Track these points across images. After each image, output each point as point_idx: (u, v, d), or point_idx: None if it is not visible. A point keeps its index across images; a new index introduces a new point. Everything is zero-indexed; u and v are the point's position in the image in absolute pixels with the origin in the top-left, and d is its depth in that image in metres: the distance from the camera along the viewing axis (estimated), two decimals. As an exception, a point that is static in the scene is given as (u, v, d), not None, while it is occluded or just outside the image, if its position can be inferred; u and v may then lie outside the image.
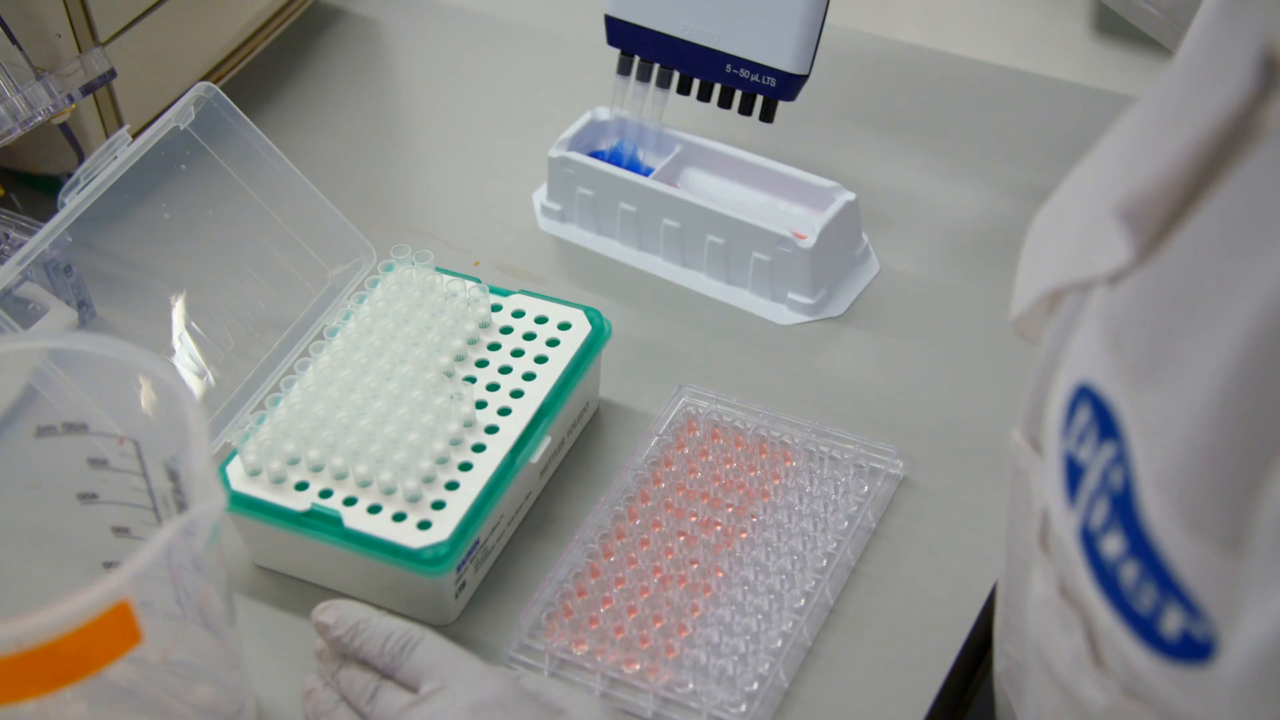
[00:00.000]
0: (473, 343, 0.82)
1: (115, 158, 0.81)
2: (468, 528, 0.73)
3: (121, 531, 0.71)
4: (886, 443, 0.81)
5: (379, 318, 0.82)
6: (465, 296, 0.83)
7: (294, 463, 0.76)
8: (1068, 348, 0.54)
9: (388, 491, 0.74)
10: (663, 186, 0.92)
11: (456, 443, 0.76)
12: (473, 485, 0.75)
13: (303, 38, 1.11)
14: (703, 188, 0.95)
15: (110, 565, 0.72)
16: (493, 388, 0.79)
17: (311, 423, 0.76)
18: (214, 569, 0.64)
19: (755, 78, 0.89)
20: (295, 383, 0.79)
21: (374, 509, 0.74)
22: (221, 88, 0.85)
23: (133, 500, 0.70)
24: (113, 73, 0.89)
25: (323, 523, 0.74)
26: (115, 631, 0.58)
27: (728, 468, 0.79)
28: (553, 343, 0.82)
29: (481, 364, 0.81)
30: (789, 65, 0.88)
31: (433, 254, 0.85)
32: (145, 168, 0.83)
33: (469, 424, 0.77)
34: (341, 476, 0.75)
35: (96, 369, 0.68)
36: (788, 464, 0.80)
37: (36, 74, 0.85)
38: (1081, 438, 0.51)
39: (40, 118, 0.85)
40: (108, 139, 0.82)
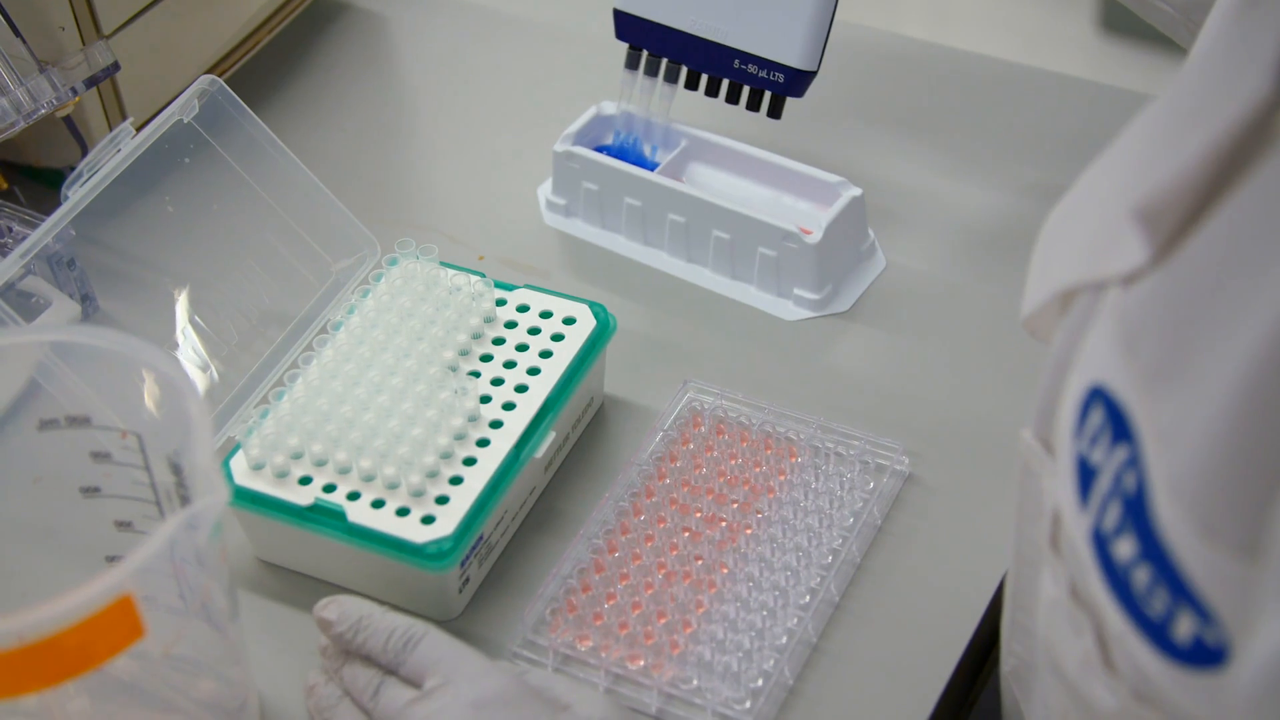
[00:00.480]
0: (477, 337, 0.81)
1: (119, 151, 0.81)
2: (472, 523, 0.73)
3: (124, 526, 0.71)
4: (892, 439, 0.81)
5: (383, 312, 0.82)
6: (470, 291, 0.82)
7: (297, 457, 0.75)
8: (1080, 348, 0.53)
9: (391, 486, 0.74)
10: (668, 181, 0.91)
11: (461, 437, 0.76)
12: (477, 480, 0.74)
13: (307, 31, 1.11)
14: (708, 182, 0.95)
15: (113, 559, 0.71)
16: (497, 382, 0.79)
17: (315, 417, 0.76)
18: (217, 563, 0.64)
19: (763, 74, 0.89)
20: (299, 377, 0.79)
21: (378, 504, 0.74)
22: (226, 81, 0.85)
23: (136, 494, 0.70)
24: (116, 66, 0.88)
25: (326, 517, 0.73)
26: (118, 625, 0.57)
27: (733, 463, 0.79)
28: (557, 337, 0.81)
29: (486, 359, 0.80)
30: (798, 61, 0.88)
31: (437, 248, 0.85)
32: (149, 161, 0.83)
33: (473, 419, 0.77)
34: (345, 471, 0.75)
35: (99, 362, 0.68)
36: (793, 460, 0.79)
37: (40, 67, 0.85)
38: (1094, 440, 0.50)
39: (44, 111, 0.85)
40: (111, 132, 0.81)
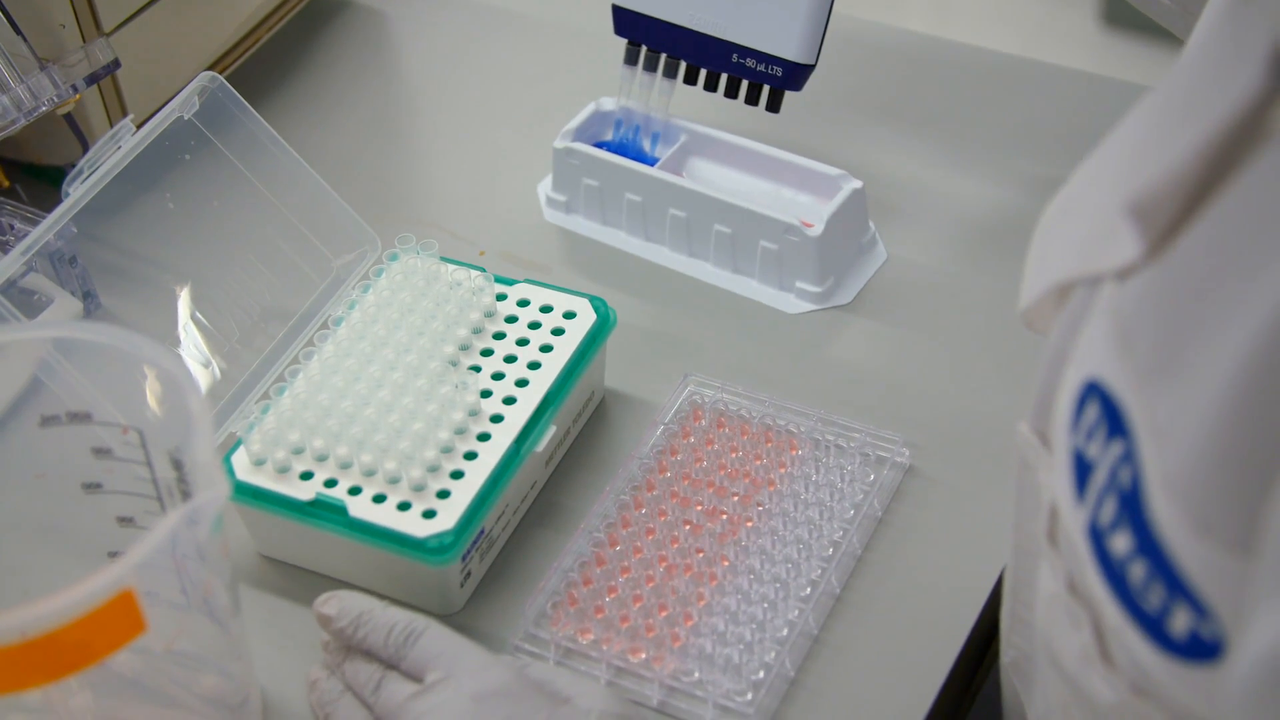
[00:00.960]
0: (477, 332, 0.81)
1: (119, 148, 0.81)
2: (473, 517, 0.73)
3: (126, 521, 0.71)
4: (893, 431, 0.81)
5: (384, 307, 0.82)
6: (470, 285, 0.82)
7: (299, 452, 0.75)
8: (1076, 342, 0.53)
9: (392, 481, 0.74)
10: (668, 176, 0.91)
11: (461, 432, 0.76)
12: (478, 474, 0.74)
13: (307, 28, 1.11)
14: (708, 177, 0.95)
15: (114, 555, 0.71)
16: (498, 377, 0.79)
17: (316, 412, 0.76)
18: (218, 558, 0.64)
19: (762, 67, 0.89)
20: (300, 372, 0.79)
21: (379, 498, 0.74)
22: (226, 78, 0.85)
23: (137, 490, 0.70)
24: (117, 63, 0.88)
25: (327, 512, 0.73)
26: (119, 620, 0.57)
27: (733, 456, 0.79)
28: (558, 331, 0.81)
29: (486, 353, 0.81)
30: (796, 55, 0.88)
31: (437, 244, 0.85)
32: (149, 158, 0.83)
33: (474, 413, 0.77)
34: (346, 466, 0.75)
35: (101, 358, 0.68)
36: (793, 453, 0.79)
37: (41, 64, 0.85)
38: (1090, 434, 0.50)
39: (44, 108, 0.85)
40: (112, 129, 0.82)
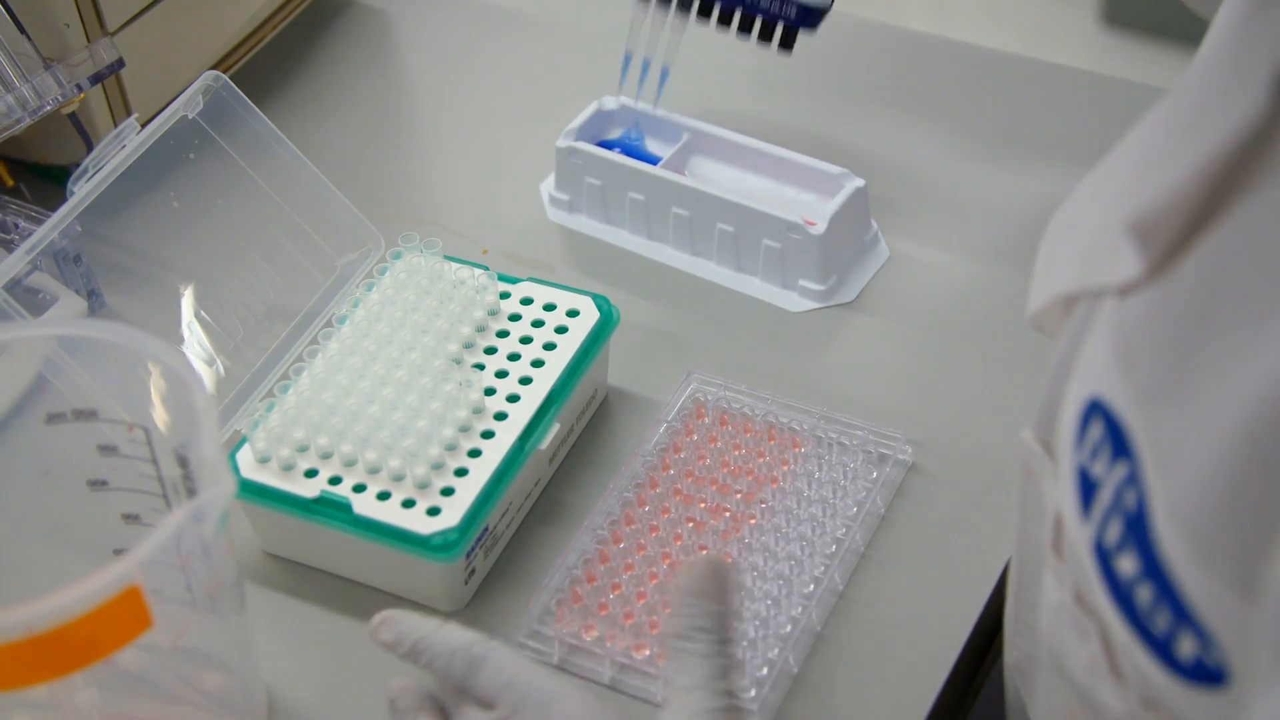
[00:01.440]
0: (481, 330, 0.82)
1: (124, 147, 0.82)
2: (477, 514, 0.73)
3: (131, 519, 0.72)
4: (895, 429, 0.81)
5: (388, 305, 0.82)
6: (473, 284, 0.83)
7: (303, 450, 0.76)
8: (1080, 354, 0.53)
9: (397, 478, 0.74)
10: (671, 175, 0.92)
11: (465, 429, 0.76)
12: (482, 472, 0.75)
13: (310, 28, 1.11)
14: (711, 175, 0.95)
15: (120, 553, 0.72)
16: (501, 374, 0.79)
17: (321, 410, 0.76)
18: (224, 555, 0.64)
19: (776, 5, 0.90)
20: (304, 370, 0.79)
21: (383, 495, 0.74)
22: (230, 78, 0.85)
23: (143, 487, 0.70)
24: (121, 62, 0.89)
25: (332, 509, 0.74)
26: (126, 616, 0.58)
27: (736, 454, 0.79)
28: (561, 330, 0.82)
29: (490, 351, 0.81)
30: None
31: (441, 242, 0.85)
32: (154, 157, 0.83)
33: (478, 411, 0.77)
34: (351, 463, 0.75)
35: (106, 356, 0.68)
36: (796, 450, 0.80)
37: (45, 64, 0.86)
38: (1095, 453, 0.50)
39: (49, 107, 0.85)
40: (116, 128, 0.82)
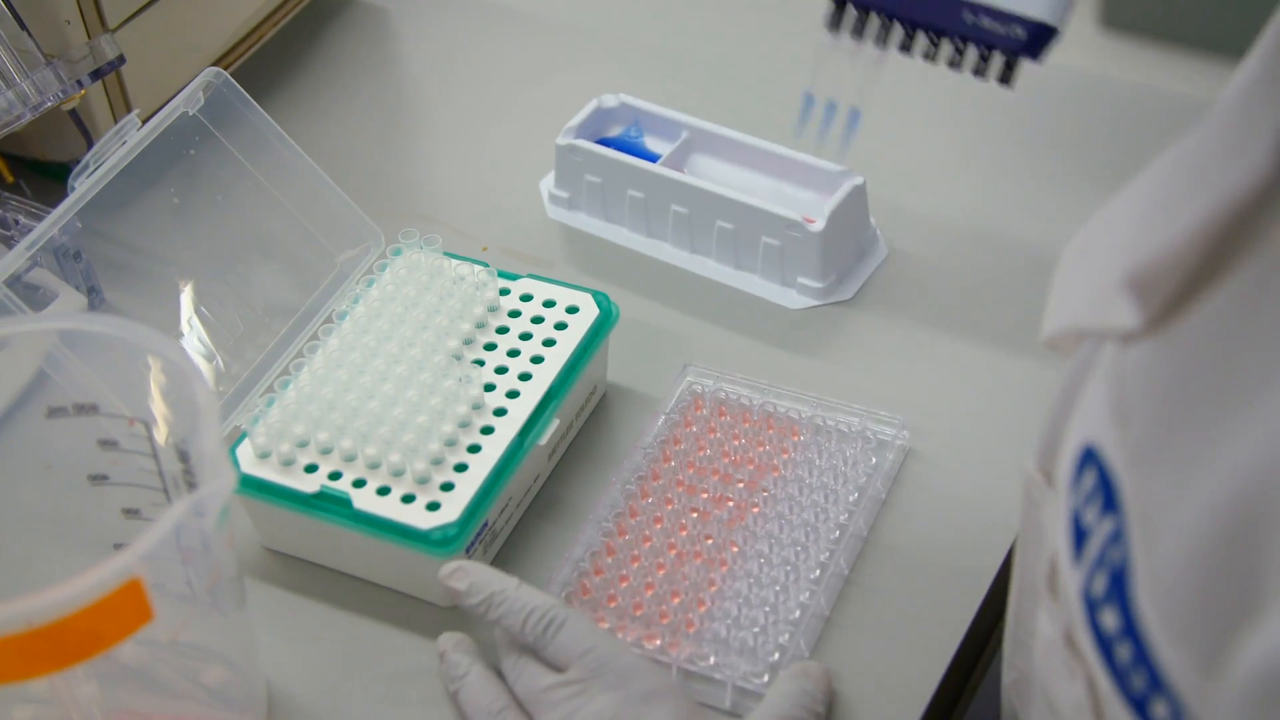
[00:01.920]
0: (481, 326, 0.82)
1: (124, 142, 0.82)
2: (476, 509, 0.73)
3: (132, 513, 0.72)
4: (892, 412, 0.82)
5: (387, 301, 0.82)
6: (473, 280, 0.83)
7: (303, 445, 0.76)
8: (1082, 392, 0.53)
9: (396, 473, 0.74)
10: (670, 173, 0.92)
11: (465, 425, 0.76)
12: (481, 467, 0.75)
13: (311, 25, 1.11)
14: (710, 173, 0.95)
15: (120, 547, 0.72)
16: (501, 370, 0.80)
17: (321, 405, 0.77)
18: (224, 550, 0.64)
19: (999, 27, 0.76)
20: (304, 366, 0.79)
21: (383, 491, 0.74)
22: (231, 74, 0.86)
23: (143, 482, 0.70)
24: (122, 59, 0.89)
25: (332, 504, 0.74)
26: (126, 609, 0.58)
27: (736, 444, 0.80)
28: (560, 326, 0.82)
29: (490, 347, 0.81)
30: (1042, 13, 0.74)
31: (441, 238, 0.85)
32: (154, 153, 0.83)
33: (477, 406, 0.77)
34: (350, 459, 0.75)
35: (106, 350, 0.69)
36: (795, 439, 0.80)
37: (46, 60, 0.86)
38: (1087, 500, 0.50)
39: (50, 103, 0.85)
40: (116, 124, 0.82)
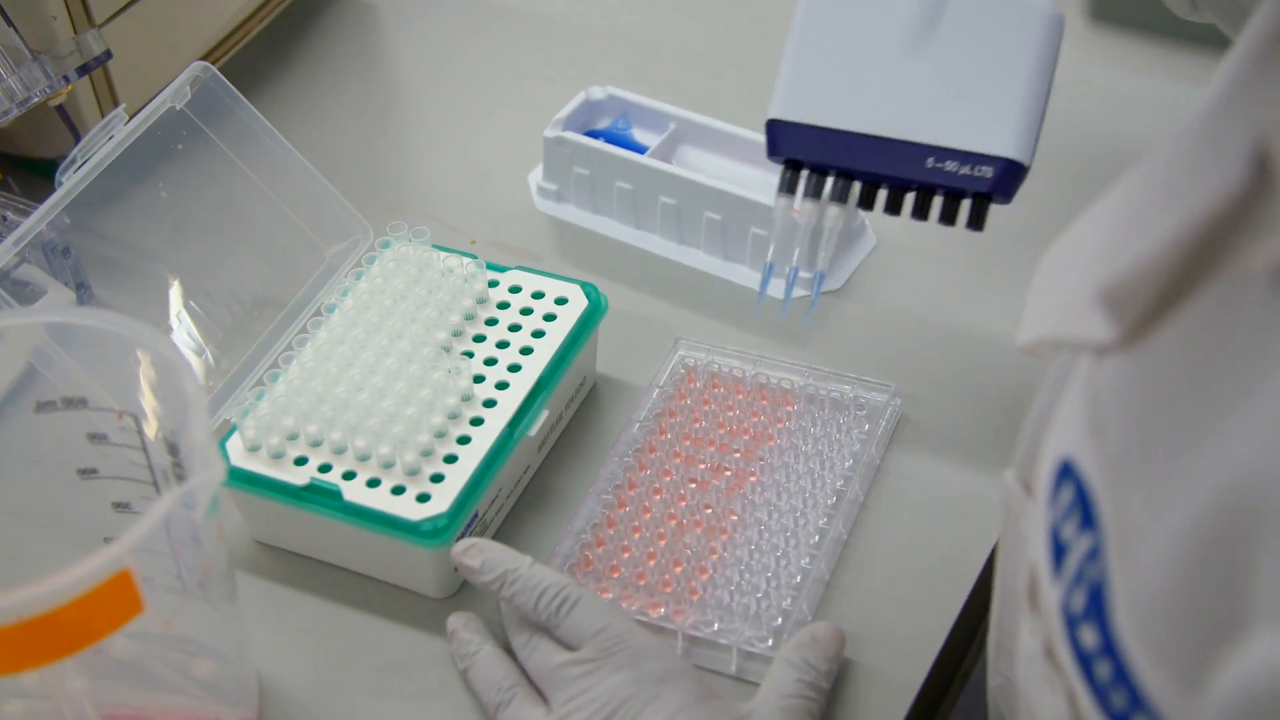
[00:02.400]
0: (470, 318, 0.82)
1: (111, 137, 0.81)
2: (466, 500, 0.74)
3: (122, 507, 0.72)
4: (884, 379, 0.83)
5: (376, 294, 0.82)
6: (462, 272, 0.83)
7: (293, 438, 0.76)
8: (1060, 404, 0.53)
9: (386, 465, 0.74)
10: (659, 164, 0.92)
11: (454, 416, 0.76)
12: (471, 458, 0.75)
13: (299, 19, 1.11)
14: (698, 164, 0.95)
15: (111, 541, 0.72)
16: (490, 362, 0.80)
17: (310, 398, 0.77)
18: (214, 542, 0.64)
19: (966, 170, 0.71)
20: (294, 359, 0.79)
21: (373, 483, 0.74)
22: (218, 69, 0.85)
23: (133, 475, 0.70)
24: (109, 54, 0.89)
25: (322, 497, 0.74)
26: (117, 601, 0.58)
27: (730, 415, 0.81)
28: (549, 317, 0.82)
29: (479, 339, 0.81)
30: (1010, 150, 0.71)
31: (429, 231, 0.85)
32: (142, 148, 0.83)
33: (467, 398, 0.77)
34: (340, 451, 0.75)
35: (95, 344, 0.68)
36: (789, 408, 0.81)
37: (32, 55, 0.86)
38: (1065, 515, 0.49)
39: (36, 99, 0.85)
40: (104, 119, 0.82)
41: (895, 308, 0.90)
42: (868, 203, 0.74)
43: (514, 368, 0.79)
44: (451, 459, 0.75)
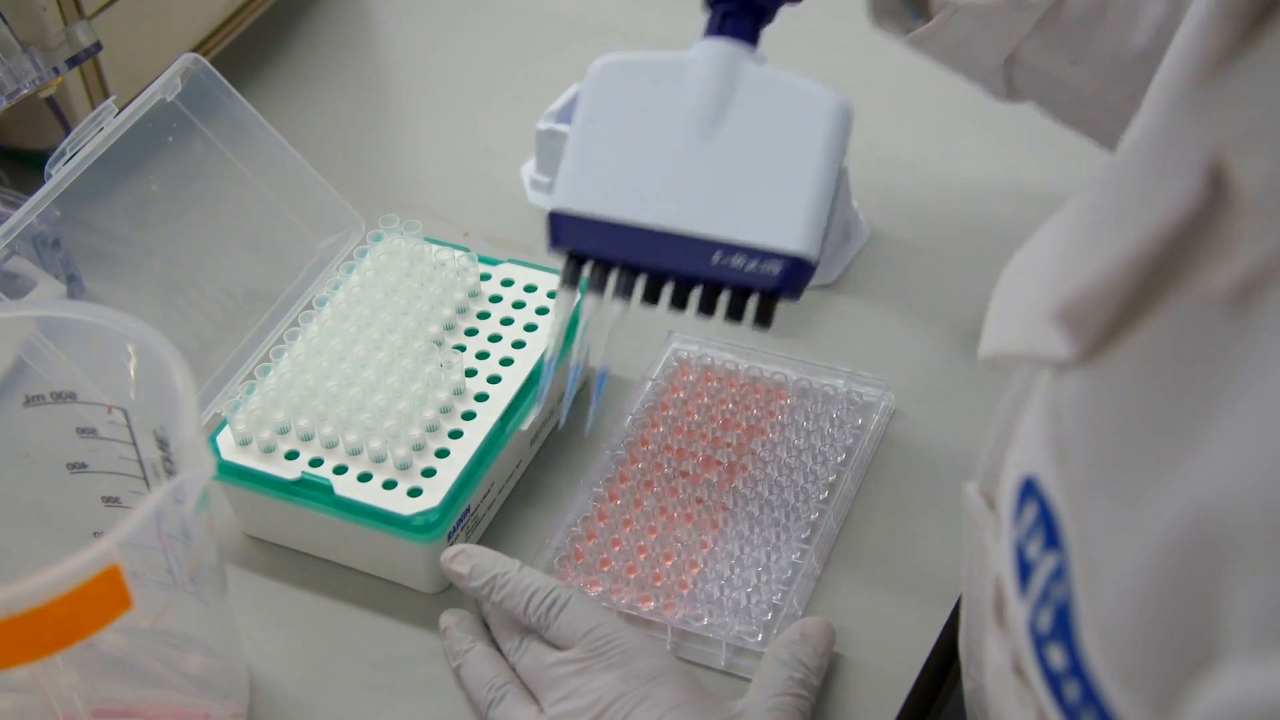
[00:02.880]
0: (462, 311, 0.82)
1: (101, 129, 0.81)
2: (458, 495, 0.73)
3: (111, 501, 0.71)
4: (877, 374, 0.83)
5: (368, 288, 0.82)
6: (454, 265, 0.83)
7: (284, 432, 0.76)
8: (1021, 419, 0.52)
9: (378, 459, 0.74)
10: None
11: (446, 411, 0.76)
12: (463, 453, 0.75)
13: (290, 11, 1.11)
14: (692, 157, 0.94)
15: (100, 536, 0.71)
16: (482, 356, 0.79)
17: (301, 392, 0.76)
18: (204, 537, 0.64)
19: (752, 266, 0.68)
20: (285, 353, 0.79)
21: (364, 477, 0.74)
22: (209, 61, 0.85)
23: (122, 470, 0.70)
24: (99, 46, 0.88)
25: (313, 491, 0.73)
26: (106, 596, 0.57)
27: (723, 408, 0.81)
28: (542, 311, 0.81)
29: (471, 332, 0.81)
30: (798, 246, 0.67)
31: (421, 224, 0.85)
32: (132, 141, 0.82)
33: (459, 392, 0.77)
34: (332, 445, 0.75)
35: (85, 338, 0.68)
36: (782, 402, 0.81)
37: (22, 47, 0.85)
38: (1029, 534, 0.48)
39: (26, 91, 0.85)
40: (93, 111, 0.81)
41: (889, 302, 0.90)
42: (653, 298, 0.70)
43: (506, 362, 0.79)
44: (443, 453, 0.75)
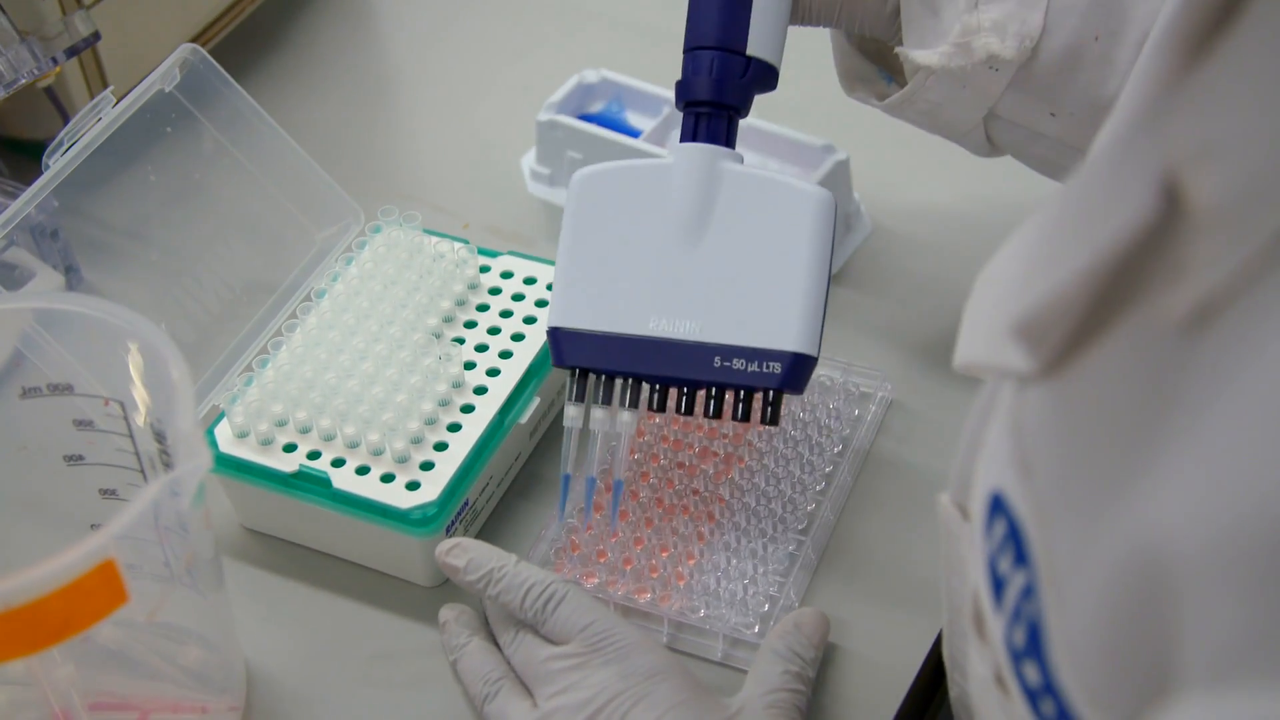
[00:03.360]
0: (461, 303, 0.81)
1: (100, 119, 0.81)
2: (457, 488, 0.73)
3: (108, 494, 0.71)
4: (876, 365, 0.82)
5: (367, 279, 0.81)
6: (453, 257, 0.82)
7: (282, 424, 0.75)
8: (989, 429, 0.52)
9: (376, 452, 0.74)
10: (653, 148, 0.91)
11: (445, 403, 0.76)
12: (461, 446, 0.74)
13: (289, 1, 1.10)
14: (693, 149, 0.94)
15: (97, 528, 0.71)
16: (481, 348, 0.79)
17: (299, 384, 0.76)
18: (201, 530, 0.64)
19: (755, 367, 0.70)
20: (283, 345, 0.79)
21: (362, 470, 0.74)
22: (209, 51, 0.85)
23: (119, 462, 0.70)
24: (97, 35, 0.88)
25: (311, 484, 0.73)
26: (101, 590, 0.57)
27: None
28: (541, 303, 0.81)
29: (470, 325, 0.80)
30: (796, 344, 0.70)
31: (420, 216, 0.84)
32: (131, 131, 0.82)
33: (457, 385, 0.77)
34: (330, 438, 0.75)
35: (82, 330, 0.68)
36: None
37: (20, 37, 0.85)
38: (1000, 549, 0.48)
39: (24, 81, 0.85)
40: (92, 100, 0.81)
41: (889, 294, 0.89)
42: (660, 405, 0.72)
43: (505, 354, 0.79)
44: (442, 446, 0.74)
